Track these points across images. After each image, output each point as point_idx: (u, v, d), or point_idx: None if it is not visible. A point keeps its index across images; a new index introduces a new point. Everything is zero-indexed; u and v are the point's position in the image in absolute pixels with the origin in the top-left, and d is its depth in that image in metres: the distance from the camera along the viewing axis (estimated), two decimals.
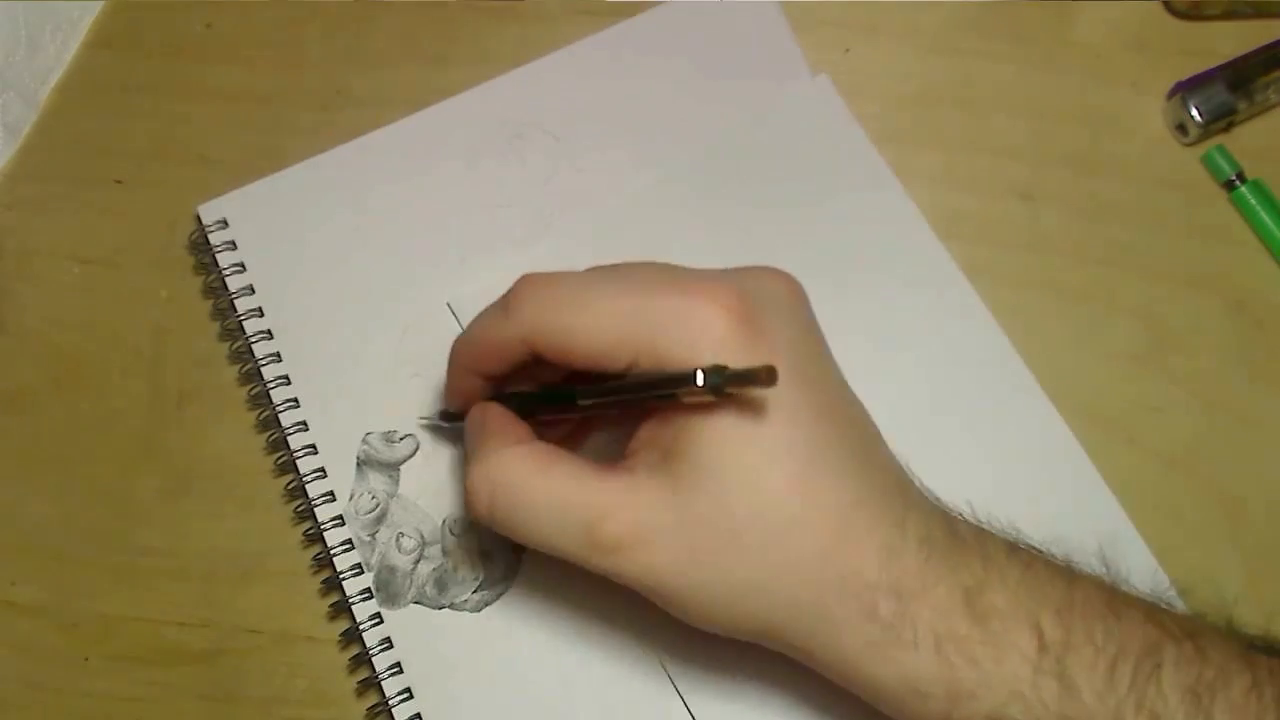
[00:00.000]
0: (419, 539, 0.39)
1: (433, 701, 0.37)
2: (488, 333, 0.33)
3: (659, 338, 0.29)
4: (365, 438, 0.39)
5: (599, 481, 0.30)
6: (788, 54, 0.44)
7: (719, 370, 0.28)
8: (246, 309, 0.41)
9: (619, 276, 0.31)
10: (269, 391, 0.40)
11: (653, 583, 0.30)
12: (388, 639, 0.37)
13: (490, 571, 0.38)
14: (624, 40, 0.44)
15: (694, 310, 0.29)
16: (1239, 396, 0.40)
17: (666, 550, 0.29)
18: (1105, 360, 0.40)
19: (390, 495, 0.39)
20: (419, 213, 0.42)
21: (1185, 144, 0.42)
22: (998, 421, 0.39)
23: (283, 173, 0.42)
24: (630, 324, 0.30)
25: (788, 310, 0.31)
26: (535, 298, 0.31)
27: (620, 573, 0.30)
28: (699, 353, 0.29)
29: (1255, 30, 0.43)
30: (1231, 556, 0.38)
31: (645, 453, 0.31)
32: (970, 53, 0.44)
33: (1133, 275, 0.41)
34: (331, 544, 0.38)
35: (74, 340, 0.42)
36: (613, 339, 0.30)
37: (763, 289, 0.31)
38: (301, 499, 0.39)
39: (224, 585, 0.39)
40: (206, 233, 0.42)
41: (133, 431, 0.41)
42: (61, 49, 0.44)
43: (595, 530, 0.30)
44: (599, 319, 0.30)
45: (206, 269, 0.42)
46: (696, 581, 0.30)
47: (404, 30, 0.44)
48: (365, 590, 0.38)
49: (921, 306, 0.40)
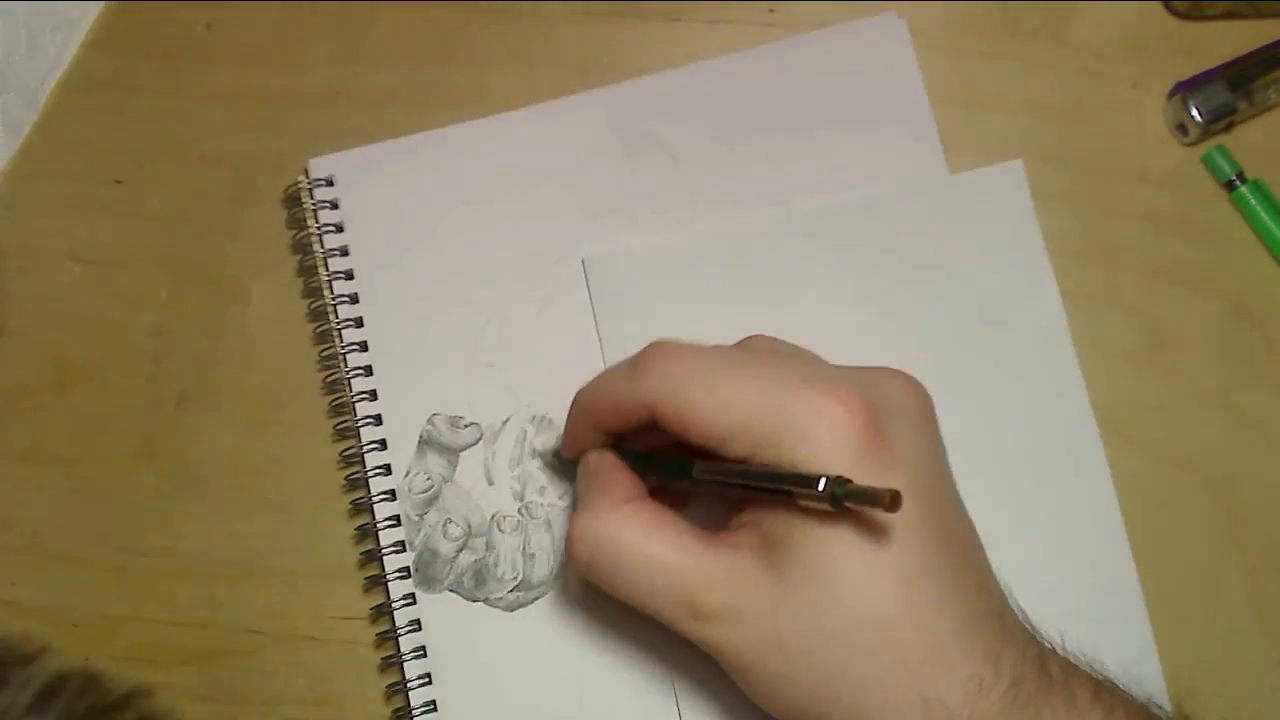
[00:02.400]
0: (466, 528, 0.39)
1: (451, 690, 0.37)
2: (612, 391, 0.33)
3: (784, 433, 0.30)
4: (431, 418, 0.40)
5: (704, 552, 0.31)
6: (916, 100, 0.42)
7: (842, 483, 0.28)
8: (336, 270, 0.41)
9: (752, 361, 0.32)
10: (345, 356, 0.40)
11: (736, 660, 0.31)
12: (417, 621, 0.38)
13: (530, 574, 0.38)
14: (766, 64, 0.43)
15: (823, 411, 0.29)
16: (1239, 396, 0.40)
17: (756, 634, 0.30)
18: (1105, 360, 0.40)
19: (445, 480, 0.39)
20: (524, 206, 0.42)
21: (1185, 144, 0.42)
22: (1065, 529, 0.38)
23: (398, 140, 0.42)
24: (756, 414, 0.30)
25: (915, 422, 0.31)
26: (665, 367, 0.32)
27: (708, 642, 0.31)
28: (821, 455, 0.29)
29: (1255, 30, 0.43)
30: (1231, 556, 0.38)
31: (751, 531, 0.31)
32: (970, 53, 0.44)
33: (1133, 275, 0.41)
34: (379, 516, 0.39)
35: (74, 340, 0.42)
36: (737, 425, 0.30)
37: (893, 397, 0.31)
38: (357, 466, 0.39)
39: (224, 585, 0.39)
40: (311, 187, 0.42)
41: (133, 431, 0.41)
42: (62, 49, 0.44)
43: (694, 600, 0.30)
44: (726, 403, 0.30)
45: (299, 224, 0.42)
46: (775, 671, 0.30)
47: (404, 30, 0.44)
48: (402, 570, 0.38)
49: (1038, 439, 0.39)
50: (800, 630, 0.29)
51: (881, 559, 0.29)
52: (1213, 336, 0.40)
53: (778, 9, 0.44)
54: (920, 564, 0.29)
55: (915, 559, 0.29)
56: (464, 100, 0.43)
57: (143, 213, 0.43)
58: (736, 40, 0.44)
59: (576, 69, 0.43)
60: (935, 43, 0.44)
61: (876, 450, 0.29)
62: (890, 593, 0.29)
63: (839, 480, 0.28)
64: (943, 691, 0.28)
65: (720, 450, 0.31)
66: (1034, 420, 0.39)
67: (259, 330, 0.41)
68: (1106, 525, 0.38)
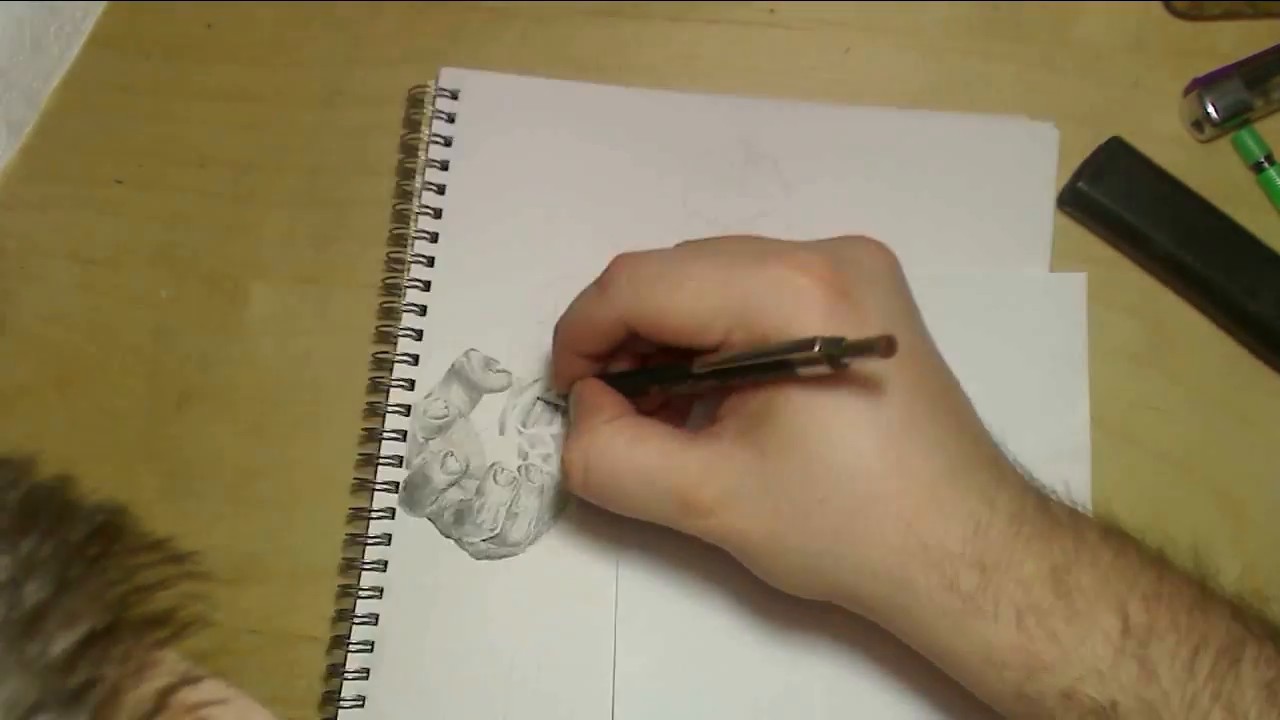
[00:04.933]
0: (464, 467, 0.39)
1: (396, 611, 0.38)
2: (585, 313, 0.34)
3: (752, 311, 0.30)
4: (467, 352, 0.40)
5: (688, 450, 0.31)
6: (1042, 212, 0.41)
7: (836, 342, 0.27)
8: (429, 181, 0.41)
9: (711, 250, 0.32)
10: (410, 263, 0.41)
11: (739, 544, 0.31)
12: (389, 535, 0.38)
13: (508, 531, 0.39)
14: (907, 126, 0.42)
15: (787, 281, 0.30)
16: (1239, 396, 0.40)
17: (753, 515, 0.30)
18: (1105, 360, 0.40)
19: (461, 415, 0.40)
20: (627, 182, 0.42)
21: (1201, 140, 0.42)
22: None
23: (531, 79, 0.43)
24: (723, 298, 0.30)
25: (883, 280, 0.31)
26: (630, 276, 0.32)
27: (710, 534, 0.31)
28: (791, 323, 0.29)
29: (1255, 30, 0.43)
30: (1231, 556, 0.38)
31: (732, 419, 0.31)
32: (970, 53, 0.44)
33: (1132, 275, 0.41)
34: (388, 426, 0.39)
35: (74, 340, 0.42)
36: (706, 314, 0.30)
37: (857, 259, 0.31)
38: (385, 373, 0.40)
39: (224, 585, 0.39)
40: (435, 94, 0.42)
41: (133, 431, 0.41)
42: (65, 49, 0.44)
43: (687, 497, 0.31)
44: (692, 295, 0.31)
45: (412, 124, 0.42)
46: (780, 546, 0.30)
47: (404, 30, 0.44)
48: (391, 484, 0.39)
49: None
50: (793, 499, 0.30)
51: (863, 416, 0.29)
52: (1213, 336, 0.40)
53: (778, 9, 0.44)
54: (903, 415, 0.29)
55: (897, 411, 0.29)
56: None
57: (143, 213, 0.43)
58: (737, 40, 0.44)
59: (577, 69, 0.43)
60: (935, 43, 0.44)
61: (844, 311, 0.29)
62: (875, 447, 0.29)
63: (832, 340, 0.27)
64: (941, 534, 0.29)
65: (699, 344, 0.31)
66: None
67: (259, 330, 0.41)
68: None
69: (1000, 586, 0.29)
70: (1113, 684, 0.28)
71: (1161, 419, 0.39)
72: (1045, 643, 0.28)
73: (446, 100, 0.42)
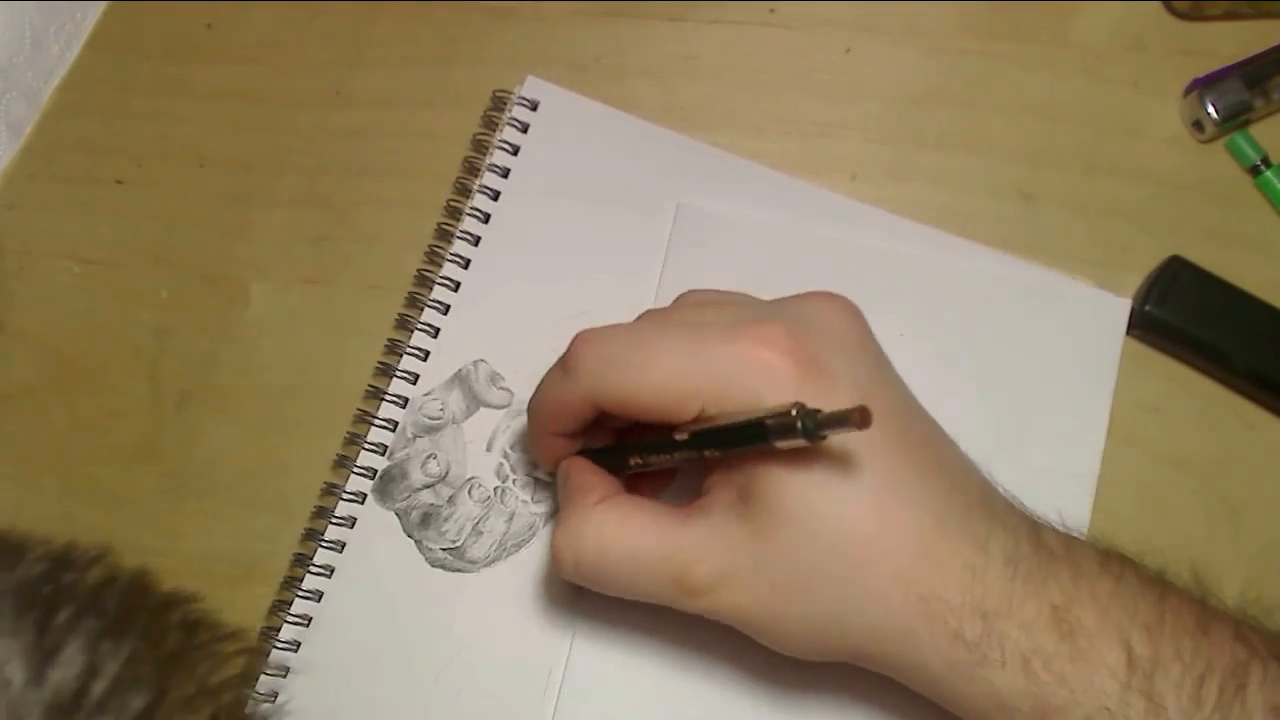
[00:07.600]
0: (443, 472, 0.39)
1: (342, 595, 0.38)
2: (553, 394, 0.33)
3: (724, 387, 0.30)
4: (476, 362, 0.40)
5: (680, 530, 0.31)
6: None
7: (811, 415, 0.27)
8: (485, 186, 0.42)
9: (676, 324, 0.32)
10: (446, 260, 0.41)
11: (740, 619, 0.31)
12: (353, 519, 0.39)
13: (468, 548, 0.39)
14: (970, 267, 0.41)
15: (749, 358, 0.30)
16: (1239, 397, 0.40)
17: (751, 590, 0.30)
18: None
19: (455, 421, 0.40)
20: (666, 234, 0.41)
21: (1201, 141, 0.42)
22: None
23: (615, 111, 0.43)
24: (692, 380, 0.30)
25: (849, 339, 0.31)
26: (594, 356, 0.32)
27: (709, 612, 0.31)
28: (767, 401, 0.29)
29: (1255, 30, 0.43)
30: (1232, 557, 0.38)
31: (720, 492, 0.31)
32: (970, 53, 0.44)
33: (1132, 275, 0.41)
34: (381, 414, 0.40)
35: (74, 340, 0.42)
36: (678, 394, 0.30)
37: (819, 321, 0.31)
38: (394, 359, 0.40)
39: (224, 585, 0.39)
40: (515, 101, 0.43)
41: (133, 431, 0.41)
42: (65, 49, 0.44)
43: (682, 578, 0.31)
44: (663, 375, 0.31)
45: (490, 123, 0.43)
46: (782, 617, 0.30)
47: (404, 30, 0.44)
48: (369, 470, 0.39)
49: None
50: (789, 572, 0.30)
51: (846, 486, 0.29)
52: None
53: (778, 9, 0.44)
54: (886, 477, 0.29)
55: (880, 474, 0.29)
56: (464, 100, 0.43)
57: (143, 213, 0.43)
58: (737, 40, 0.44)
59: (577, 69, 0.43)
60: (935, 43, 0.44)
61: (814, 379, 0.29)
62: (862, 512, 0.29)
63: (807, 413, 0.27)
64: (939, 587, 0.29)
65: (672, 420, 0.31)
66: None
67: (259, 330, 0.41)
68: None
69: (1004, 633, 0.29)
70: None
71: (1161, 419, 0.39)
72: (1053, 686, 0.28)
73: (524, 110, 0.42)
